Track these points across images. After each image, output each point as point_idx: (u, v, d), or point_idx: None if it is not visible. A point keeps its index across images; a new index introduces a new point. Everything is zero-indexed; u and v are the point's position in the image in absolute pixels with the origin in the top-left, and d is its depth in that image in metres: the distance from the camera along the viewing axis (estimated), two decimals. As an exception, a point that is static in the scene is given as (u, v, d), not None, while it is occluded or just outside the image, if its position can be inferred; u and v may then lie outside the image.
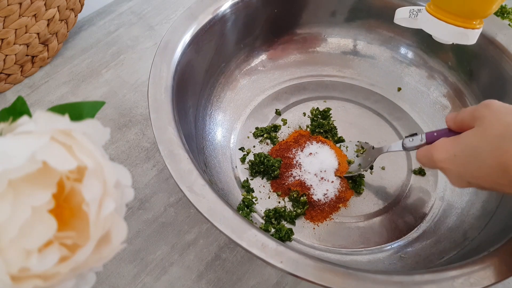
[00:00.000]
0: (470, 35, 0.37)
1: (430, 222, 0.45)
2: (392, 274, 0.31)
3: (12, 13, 0.49)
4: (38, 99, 0.54)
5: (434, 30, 0.38)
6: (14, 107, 0.20)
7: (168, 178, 0.48)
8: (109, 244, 0.17)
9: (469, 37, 0.37)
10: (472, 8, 0.35)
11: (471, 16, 0.36)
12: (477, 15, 0.36)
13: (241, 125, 0.52)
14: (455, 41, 0.37)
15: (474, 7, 0.35)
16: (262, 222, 0.44)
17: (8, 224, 0.15)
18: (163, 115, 0.38)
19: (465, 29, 0.36)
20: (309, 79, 0.56)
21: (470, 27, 0.36)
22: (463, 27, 0.36)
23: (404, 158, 0.50)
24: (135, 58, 0.59)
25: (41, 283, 0.16)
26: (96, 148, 0.17)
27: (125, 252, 0.42)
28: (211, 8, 0.47)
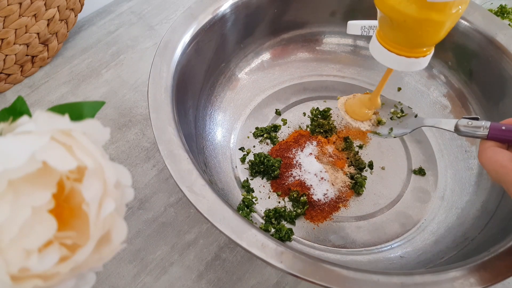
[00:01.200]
0: (422, 62, 0.34)
1: (430, 222, 0.45)
2: (392, 274, 0.31)
3: (12, 13, 0.49)
4: (38, 99, 0.54)
5: (384, 60, 0.35)
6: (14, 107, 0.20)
7: (168, 178, 0.48)
8: (109, 244, 0.17)
9: (421, 64, 0.34)
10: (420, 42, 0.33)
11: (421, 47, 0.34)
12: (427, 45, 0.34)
13: (241, 125, 0.52)
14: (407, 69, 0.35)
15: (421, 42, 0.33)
16: (262, 222, 0.44)
17: (8, 224, 0.15)
18: (163, 115, 0.38)
19: (417, 58, 0.34)
20: (309, 79, 0.56)
21: (421, 56, 0.34)
22: (415, 57, 0.34)
23: (404, 158, 0.50)
24: (135, 58, 0.59)
25: (41, 283, 0.16)
26: (96, 148, 0.17)
27: (125, 252, 0.42)
28: (211, 8, 0.47)
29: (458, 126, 0.33)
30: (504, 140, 0.30)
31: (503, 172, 0.27)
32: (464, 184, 0.47)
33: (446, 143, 0.51)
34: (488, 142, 0.30)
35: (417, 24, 0.30)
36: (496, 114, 0.47)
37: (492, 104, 0.48)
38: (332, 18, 0.56)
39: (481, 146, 0.31)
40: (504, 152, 0.29)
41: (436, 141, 0.51)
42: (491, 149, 0.29)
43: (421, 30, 0.30)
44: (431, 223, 0.45)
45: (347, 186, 0.47)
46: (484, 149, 0.30)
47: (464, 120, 0.33)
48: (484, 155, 0.29)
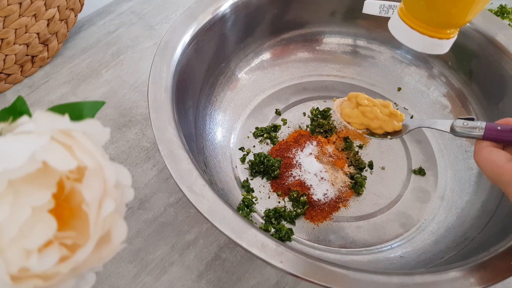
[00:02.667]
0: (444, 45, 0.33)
1: (430, 222, 0.45)
2: (392, 274, 0.31)
3: (12, 13, 0.49)
4: (38, 99, 0.54)
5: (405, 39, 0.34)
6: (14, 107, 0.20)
7: (168, 178, 0.48)
8: (109, 244, 0.17)
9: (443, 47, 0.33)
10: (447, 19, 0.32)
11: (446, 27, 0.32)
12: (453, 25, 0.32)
13: (241, 125, 0.52)
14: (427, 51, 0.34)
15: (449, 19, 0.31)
16: (262, 222, 0.44)
17: (8, 224, 0.15)
18: (163, 115, 0.38)
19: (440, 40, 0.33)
20: (309, 79, 0.56)
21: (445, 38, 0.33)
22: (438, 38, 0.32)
23: (404, 158, 0.50)
24: (135, 58, 0.59)
25: (41, 283, 0.16)
26: (96, 148, 0.17)
27: (125, 252, 0.42)
28: (211, 8, 0.47)
29: (453, 127, 0.33)
30: (499, 140, 0.30)
31: (499, 172, 0.27)
32: (464, 184, 0.47)
33: (446, 143, 0.51)
34: (484, 142, 0.30)
35: None
36: (496, 114, 0.47)
37: (492, 104, 0.48)
38: (332, 18, 0.56)
39: (477, 146, 0.31)
40: (500, 152, 0.29)
41: (436, 141, 0.51)
42: (487, 149, 0.29)
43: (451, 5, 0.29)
44: (431, 223, 0.45)
45: (347, 186, 0.47)
46: (480, 149, 0.30)
47: (460, 120, 0.33)
48: (480, 155, 0.29)
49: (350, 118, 0.42)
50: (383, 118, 0.40)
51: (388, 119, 0.40)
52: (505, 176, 0.27)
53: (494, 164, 0.28)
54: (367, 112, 0.41)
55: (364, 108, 0.41)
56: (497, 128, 0.30)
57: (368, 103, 0.41)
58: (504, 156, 0.28)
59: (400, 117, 0.40)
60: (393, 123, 0.40)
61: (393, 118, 0.40)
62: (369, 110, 0.41)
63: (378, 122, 0.40)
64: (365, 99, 0.41)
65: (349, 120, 0.42)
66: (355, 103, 0.42)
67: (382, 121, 0.40)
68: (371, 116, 0.41)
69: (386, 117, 0.40)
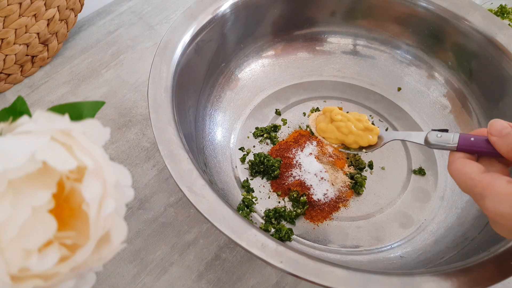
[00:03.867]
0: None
1: (430, 222, 0.45)
2: (392, 274, 0.31)
3: (12, 13, 0.49)
4: (38, 99, 0.54)
5: None
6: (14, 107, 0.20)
7: (168, 178, 0.48)
8: (109, 244, 0.17)
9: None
10: None
11: None
12: None
13: (241, 125, 0.52)
14: None
15: None
16: (262, 222, 0.44)
17: (8, 224, 0.15)
18: (163, 115, 0.38)
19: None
20: (309, 79, 0.56)
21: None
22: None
23: (404, 158, 0.50)
24: (135, 58, 0.59)
25: (41, 283, 0.16)
26: (96, 148, 0.17)
27: (125, 252, 0.42)
28: (211, 8, 0.47)
29: (427, 139, 0.33)
30: (473, 151, 0.30)
31: (472, 184, 0.27)
32: (464, 184, 0.47)
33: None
34: (457, 154, 0.30)
35: None
36: (496, 114, 0.47)
37: (492, 104, 0.48)
38: (332, 18, 0.56)
39: (450, 157, 0.31)
40: (473, 164, 0.29)
41: (436, 141, 0.51)
42: (460, 161, 0.29)
43: None
44: (431, 223, 0.45)
45: (347, 186, 0.47)
46: (453, 161, 0.30)
47: (433, 132, 0.33)
48: (454, 166, 0.29)
49: (324, 133, 0.42)
50: (358, 133, 0.41)
51: (363, 133, 0.40)
52: (477, 188, 0.27)
53: (467, 176, 0.28)
54: (342, 127, 0.41)
55: (338, 123, 0.41)
56: (470, 139, 0.30)
57: (342, 118, 0.41)
58: (476, 168, 0.28)
59: (375, 131, 0.40)
60: (368, 138, 0.40)
61: (368, 132, 0.40)
62: (343, 125, 0.41)
63: (353, 137, 0.41)
64: (339, 114, 0.41)
65: (323, 135, 0.42)
66: (329, 118, 0.42)
67: (357, 135, 0.41)
68: (346, 131, 0.41)
69: (361, 132, 0.40)
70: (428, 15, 0.51)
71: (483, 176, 0.27)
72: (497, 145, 0.28)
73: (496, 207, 0.25)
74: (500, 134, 0.28)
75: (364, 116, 0.41)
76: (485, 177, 0.27)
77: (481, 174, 0.27)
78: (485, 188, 0.26)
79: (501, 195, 0.25)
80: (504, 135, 0.28)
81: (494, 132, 0.28)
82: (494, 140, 0.28)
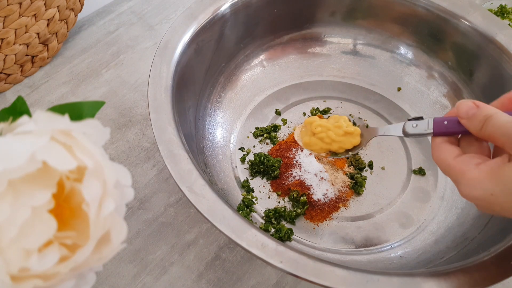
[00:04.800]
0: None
1: (430, 222, 0.45)
2: (392, 274, 0.31)
3: (12, 13, 0.49)
4: (38, 99, 0.54)
5: None
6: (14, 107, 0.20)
7: (168, 178, 0.48)
8: (109, 244, 0.17)
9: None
10: None
11: None
12: None
13: (241, 125, 0.52)
14: None
15: None
16: (262, 222, 0.44)
17: (8, 224, 0.15)
18: (163, 115, 0.38)
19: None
20: (309, 79, 0.56)
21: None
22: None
23: (404, 158, 0.50)
24: (135, 58, 0.59)
25: (41, 283, 0.16)
26: (96, 148, 0.17)
27: (125, 252, 0.42)
28: (211, 8, 0.47)
29: (405, 130, 0.33)
30: (450, 133, 0.30)
31: (448, 170, 0.28)
32: (464, 184, 0.47)
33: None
34: (437, 139, 0.30)
35: None
36: (496, 114, 0.47)
37: (492, 104, 0.48)
38: (332, 18, 0.56)
39: (432, 143, 0.31)
40: (450, 148, 0.29)
41: (436, 141, 0.51)
42: (438, 147, 0.29)
43: None
44: (431, 223, 0.45)
45: (347, 186, 0.47)
46: (433, 147, 0.30)
47: (409, 122, 0.33)
48: (433, 153, 0.30)
49: (310, 146, 0.43)
50: (340, 139, 0.41)
51: (345, 138, 0.41)
52: (452, 174, 0.28)
53: (444, 163, 0.28)
54: (324, 138, 0.42)
55: (319, 135, 0.42)
56: (444, 123, 0.30)
57: (322, 129, 0.42)
58: (452, 152, 0.28)
59: (355, 133, 0.41)
60: (350, 141, 0.41)
61: (349, 135, 0.41)
62: (324, 136, 0.42)
63: (336, 144, 0.42)
64: (318, 126, 0.42)
65: (309, 148, 0.43)
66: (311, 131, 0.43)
67: (339, 142, 0.41)
68: (328, 141, 0.42)
69: (342, 138, 0.41)
70: (428, 15, 0.51)
71: (456, 161, 0.28)
72: (467, 126, 0.28)
73: (468, 192, 0.26)
74: (467, 115, 0.28)
75: (343, 119, 0.42)
76: (457, 162, 0.27)
77: (454, 160, 0.28)
78: (458, 174, 0.27)
79: (471, 180, 0.26)
80: (471, 116, 0.28)
81: (462, 115, 0.28)
82: (463, 122, 0.28)
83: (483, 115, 0.27)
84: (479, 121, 0.27)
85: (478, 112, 0.27)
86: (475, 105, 0.28)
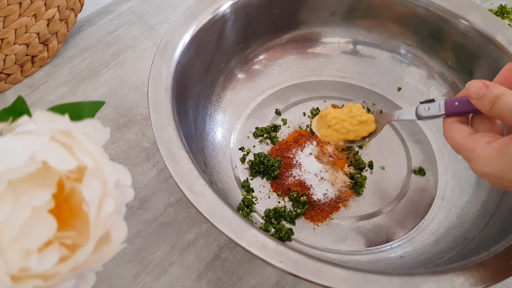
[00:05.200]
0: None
1: (430, 222, 0.45)
2: (392, 274, 0.31)
3: (12, 13, 0.49)
4: (38, 99, 0.54)
5: None
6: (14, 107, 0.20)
7: (168, 178, 0.48)
8: (109, 244, 0.17)
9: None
10: None
11: None
12: None
13: (241, 125, 0.52)
14: None
15: None
16: (262, 222, 0.44)
17: (8, 224, 0.15)
18: (163, 115, 0.38)
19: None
20: (309, 79, 0.56)
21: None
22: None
23: (404, 158, 0.50)
24: (135, 58, 0.59)
25: (41, 283, 0.16)
26: (96, 148, 0.17)
27: (125, 252, 0.42)
28: (211, 8, 0.47)
29: (418, 113, 0.34)
30: (462, 113, 0.31)
31: (459, 149, 0.29)
32: (464, 184, 0.47)
33: (446, 143, 0.50)
34: (448, 119, 0.31)
35: None
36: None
37: (492, 104, 0.48)
38: (332, 18, 0.56)
39: (443, 123, 0.31)
40: (462, 128, 0.30)
41: (436, 141, 0.51)
42: (449, 127, 0.30)
43: None
44: (431, 223, 0.45)
45: (347, 186, 0.47)
46: (444, 127, 0.31)
47: (422, 105, 0.34)
48: (445, 133, 0.31)
49: (327, 137, 0.45)
50: (355, 128, 0.43)
51: (360, 127, 0.43)
52: (463, 152, 0.28)
53: (456, 141, 0.29)
54: (339, 129, 0.43)
55: (334, 127, 0.44)
56: (455, 103, 0.31)
57: (337, 121, 0.43)
58: (463, 131, 0.29)
59: (370, 120, 0.42)
60: (366, 128, 0.43)
61: (364, 124, 0.43)
62: (340, 127, 0.43)
63: (352, 133, 0.43)
64: (332, 119, 0.43)
65: (327, 139, 0.45)
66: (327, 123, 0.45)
67: (355, 131, 0.43)
68: (344, 131, 0.43)
69: (358, 126, 0.43)
70: (428, 15, 0.51)
71: (467, 140, 0.28)
72: (477, 106, 0.29)
73: (479, 169, 0.27)
74: (478, 96, 0.29)
75: (356, 107, 0.43)
76: (468, 141, 0.28)
77: (466, 138, 0.29)
78: (469, 152, 0.28)
79: (481, 158, 0.27)
80: (481, 97, 0.28)
81: (472, 95, 0.29)
82: (474, 102, 0.29)
83: (493, 95, 0.28)
84: (488, 101, 0.28)
85: (488, 92, 0.28)
86: (485, 85, 0.29)
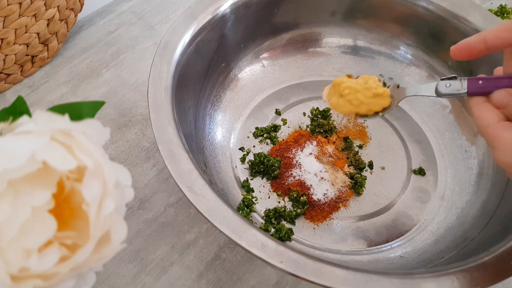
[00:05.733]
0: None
1: (430, 222, 0.45)
2: (392, 274, 0.31)
3: (12, 13, 0.49)
4: (38, 99, 0.54)
5: None
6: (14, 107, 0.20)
7: (168, 178, 0.48)
8: (109, 244, 0.17)
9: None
10: None
11: None
12: None
13: (241, 125, 0.52)
14: None
15: None
16: (262, 222, 0.44)
17: (8, 224, 0.15)
18: (163, 115, 0.38)
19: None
20: (309, 79, 0.56)
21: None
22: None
23: (404, 158, 0.50)
24: (135, 58, 0.59)
25: (41, 283, 0.16)
26: (96, 148, 0.17)
27: (125, 252, 0.42)
28: (211, 8, 0.47)
29: (438, 90, 0.33)
30: (486, 93, 0.30)
31: (486, 132, 0.28)
32: (464, 184, 0.47)
33: (446, 143, 0.51)
34: (475, 99, 0.30)
35: None
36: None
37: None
38: (332, 18, 0.56)
39: (470, 102, 0.31)
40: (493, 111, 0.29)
41: (436, 141, 0.51)
42: (480, 106, 0.30)
43: None
44: (431, 223, 0.45)
45: (347, 186, 0.47)
46: (474, 105, 0.30)
47: (443, 82, 0.32)
48: (474, 111, 0.30)
49: (337, 107, 0.41)
50: (369, 101, 0.40)
51: (374, 100, 0.40)
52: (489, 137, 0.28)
53: (484, 123, 0.28)
54: (352, 100, 0.40)
55: (347, 97, 0.41)
56: (478, 82, 0.30)
57: (350, 91, 0.40)
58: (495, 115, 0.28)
59: (385, 94, 0.40)
60: (380, 103, 0.40)
61: (379, 98, 0.40)
62: (353, 98, 0.40)
63: (365, 106, 0.40)
64: (346, 88, 0.40)
65: (337, 110, 0.41)
66: (339, 92, 0.41)
67: (368, 104, 0.40)
68: (357, 103, 0.40)
69: (372, 100, 0.40)
70: (428, 15, 0.51)
71: (496, 126, 0.28)
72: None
73: (501, 158, 0.27)
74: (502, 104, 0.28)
75: (372, 79, 0.40)
76: (497, 127, 0.27)
77: (495, 124, 0.28)
78: (494, 139, 0.27)
79: (506, 147, 0.26)
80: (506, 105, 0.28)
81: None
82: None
83: None
84: None
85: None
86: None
